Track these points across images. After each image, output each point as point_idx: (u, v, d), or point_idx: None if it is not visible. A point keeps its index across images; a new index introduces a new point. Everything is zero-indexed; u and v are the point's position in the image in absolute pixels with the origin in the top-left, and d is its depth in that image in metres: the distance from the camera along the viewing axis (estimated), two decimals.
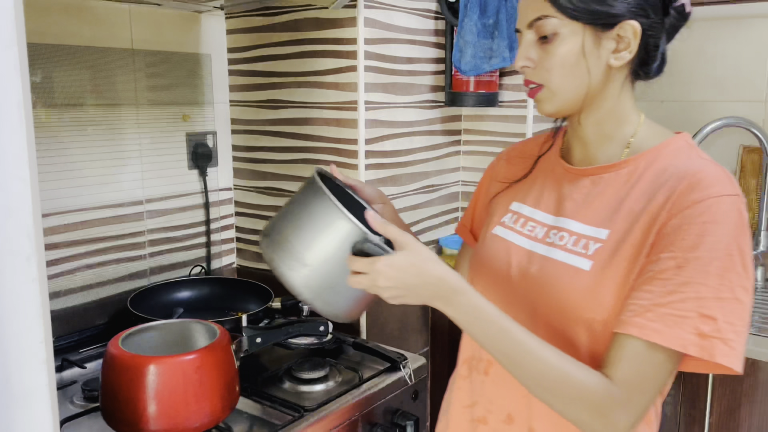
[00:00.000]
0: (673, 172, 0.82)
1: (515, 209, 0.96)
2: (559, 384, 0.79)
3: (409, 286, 0.79)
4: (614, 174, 0.87)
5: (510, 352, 0.79)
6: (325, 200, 0.85)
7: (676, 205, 0.80)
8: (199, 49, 1.61)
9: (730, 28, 1.93)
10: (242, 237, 1.74)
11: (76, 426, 1.11)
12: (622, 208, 0.84)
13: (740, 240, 0.78)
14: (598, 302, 0.83)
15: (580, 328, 0.85)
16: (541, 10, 0.83)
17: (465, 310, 0.80)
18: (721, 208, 0.78)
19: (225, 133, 1.69)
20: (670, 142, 0.87)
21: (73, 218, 1.41)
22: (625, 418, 0.78)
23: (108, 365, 1.01)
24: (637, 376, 0.78)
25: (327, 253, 0.84)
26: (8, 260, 0.60)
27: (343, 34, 1.42)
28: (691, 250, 0.77)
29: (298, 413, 1.14)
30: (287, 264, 0.85)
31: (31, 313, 0.62)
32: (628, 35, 0.83)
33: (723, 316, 0.77)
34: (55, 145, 1.36)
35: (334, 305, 0.87)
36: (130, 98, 1.48)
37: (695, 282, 0.76)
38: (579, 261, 0.85)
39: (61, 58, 1.35)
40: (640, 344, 0.78)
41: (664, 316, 0.77)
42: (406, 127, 1.55)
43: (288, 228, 0.87)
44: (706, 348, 0.76)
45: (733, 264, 0.77)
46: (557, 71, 0.84)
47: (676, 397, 1.48)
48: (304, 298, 0.85)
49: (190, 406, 1.00)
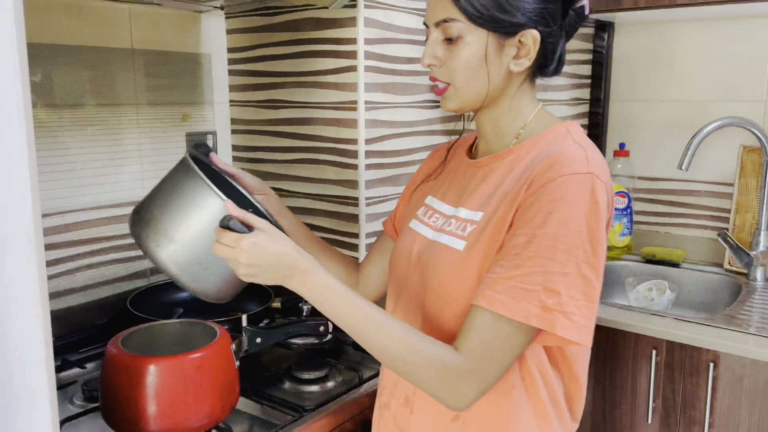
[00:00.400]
0: (543, 156, 0.87)
1: (428, 203, 1.02)
2: (405, 356, 0.83)
3: (267, 266, 0.82)
4: (500, 163, 0.93)
5: (359, 327, 0.84)
6: (195, 178, 0.89)
7: (533, 184, 0.84)
8: (199, 49, 1.61)
9: (730, 28, 1.93)
10: None
11: (76, 426, 1.11)
12: (497, 192, 0.89)
13: (590, 218, 0.81)
14: (466, 279, 0.88)
15: (456, 306, 0.89)
16: (448, 12, 0.88)
17: (315, 288, 0.84)
18: (571, 186, 0.82)
19: (225, 133, 1.69)
20: (551, 131, 0.92)
21: (73, 218, 1.41)
22: (471, 386, 0.82)
23: (108, 365, 1.01)
24: (483, 346, 0.82)
25: (194, 230, 0.88)
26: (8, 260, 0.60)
27: (343, 34, 1.42)
28: (540, 227, 0.81)
29: (298, 413, 1.14)
30: (155, 241, 0.88)
31: (31, 313, 0.62)
32: (529, 42, 0.89)
33: (567, 290, 0.80)
34: (55, 145, 1.36)
35: (202, 282, 0.90)
36: (129, 98, 1.48)
37: (542, 257, 0.80)
38: (456, 242, 0.91)
39: (61, 58, 1.35)
40: (487, 315, 0.82)
41: (511, 288, 0.81)
42: (406, 127, 1.54)
43: (157, 206, 0.91)
44: (548, 320, 0.80)
45: (581, 241, 0.81)
46: (461, 73, 0.89)
47: (676, 397, 1.48)
48: (171, 274, 0.88)
49: (190, 406, 1.00)
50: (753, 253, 1.79)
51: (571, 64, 2.06)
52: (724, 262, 1.92)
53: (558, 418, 0.92)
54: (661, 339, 1.47)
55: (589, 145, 0.89)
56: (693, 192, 2.05)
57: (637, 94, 2.12)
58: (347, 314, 0.84)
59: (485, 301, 0.82)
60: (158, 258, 0.88)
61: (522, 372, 0.89)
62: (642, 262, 2.01)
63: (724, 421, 1.41)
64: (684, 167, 1.74)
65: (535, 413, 0.90)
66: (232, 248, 0.82)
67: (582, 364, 0.94)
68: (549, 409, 0.91)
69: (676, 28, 2.02)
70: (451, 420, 0.92)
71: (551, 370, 0.91)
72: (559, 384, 0.92)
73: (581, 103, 2.16)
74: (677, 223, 2.09)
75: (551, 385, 0.91)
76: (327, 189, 1.52)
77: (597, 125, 2.17)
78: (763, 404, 1.36)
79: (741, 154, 1.92)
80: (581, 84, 2.14)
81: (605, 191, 0.84)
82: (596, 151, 0.89)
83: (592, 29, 2.12)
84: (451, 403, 0.83)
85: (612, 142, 2.17)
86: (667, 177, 2.09)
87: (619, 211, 2.03)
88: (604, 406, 1.58)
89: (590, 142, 0.91)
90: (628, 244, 2.07)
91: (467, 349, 0.82)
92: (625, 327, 1.51)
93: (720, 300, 1.86)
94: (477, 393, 0.83)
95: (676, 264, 1.97)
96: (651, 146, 2.11)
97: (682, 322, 1.50)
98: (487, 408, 0.90)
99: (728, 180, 1.97)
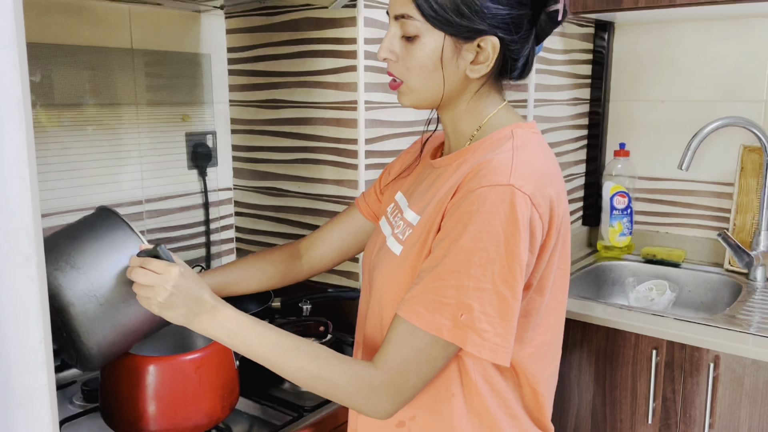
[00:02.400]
0: (478, 161, 0.84)
1: (397, 199, 1.01)
2: (320, 374, 0.82)
3: (185, 298, 0.82)
4: (450, 165, 0.91)
5: (271, 356, 0.83)
6: (113, 217, 0.89)
7: (458, 192, 0.82)
8: (198, 49, 1.61)
9: (730, 28, 1.93)
10: (242, 237, 1.74)
11: (76, 426, 1.11)
12: (435, 196, 0.87)
13: (507, 232, 0.78)
14: (400, 285, 0.87)
15: (392, 311, 0.88)
16: (406, 8, 0.85)
17: (224, 324, 0.84)
18: (489, 198, 0.78)
19: (225, 133, 1.69)
20: (498, 133, 0.89)
21: (73, 218, 1.40)
22: (388, 398, 0.81)
23: (108, 365, 1.01)
24: (399, 358, 0.81)
25: (103, 261, 0.86)
26: (8, 260, 0.60)
27: (342, 33, 1.42)
28: (456, 239, 0.79)
29: (297, 413, 1.14)
30: (54, 264, 0.84)
31: (30, 313, 0.62)
32: (488, 49, 0.85)
33: (480, 306, 0.78)
34: (55, 145, 1.36)
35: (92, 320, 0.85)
36: (129, 98, 1.48)
37: (456, 270, 0.78)
38: (396, 247, 0.90)
39: (61, 58, 1.34)
40: (405, 326, 0.81)
41: (428, 300, 0.79)
42: (406, 127, 1.54)
43: (64, 237, 0.89)
44: (459, 336, 0.79)
45: (497, 256, 0.78)
46: (416, 72, 0.87)
47: (676, 397, 1.48)
48: (60, 301, 0.83)
49: (190, 407, 1.00)
50: (753, 253, 1.79)
51: (571, 64, 2.06)
52: (725, 262, 1.92)
53: (515, 428, 0.90)
54: (662, 339, 1.47)
55: (526, 152, 0.84)
56: (693, 192, 2.05)
57: (637, 94, 2.12)
58: (258, 345, 0.83)
59: (403, 310, 0.81)
60: (52, 282, 0.82)
61: (463, 381, 0.87)
62: (642, 262, 2.01)
63: (724, 421, 1.41)
64: (684, 167, 1.74)
65: (482, 423, 0.88)
66: (159, 274, 0.82)
67: (539, 377, 0.91)
68: (500, 420, 0.88)
69: (676, 28, 2.02)
70: (396, 425, 0.91)
71: (502, 380, 0.88)
72: (514, 394, 0.90)
73: (581, 103, 2.16)
74: (677, 223, 2.09)
75: (502, 394, 0.88)
76: (327, 189, 1.52)
77: (597, 125, 2.17)
78: (763, 404, 1.36)
79: (741, 154, 1.92)
80: (581, 84, 2.14)
81: (527, 204, 0.79)
82: (535, 158, 0.85)
83: (592, 29, 2.12)
84: (371, 414, 0.83)
85: (612, 142, 2.17)
86: (667, 177, 2.09)
87: (619, 211, 2.03)
88: (604, 406, 1.58)
89: (534, 147, 0.86)
90: (628, 244, 2.07)
91: (383, 362, 0.81)
92: (626, 327, 1.51)
93: (720, 300, 1.86)
94: (395, 404, 0.82)
95: (677, 264, 1.97)
96: (651, 146, 2.11)
97: (683, 322, 1.50)
98: (430, 415, 0.89)
99: (728, 180, 1.97)
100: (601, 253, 2.10)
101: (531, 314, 0.86)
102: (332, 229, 1.13)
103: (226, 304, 0.85)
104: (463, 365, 0.86)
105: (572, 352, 1.60)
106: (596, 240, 2.17)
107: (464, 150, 0.90)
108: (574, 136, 2.15)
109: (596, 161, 2.19)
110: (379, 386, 0.81)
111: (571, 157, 2.14)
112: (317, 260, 1.13)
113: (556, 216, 0.84)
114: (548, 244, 0.84)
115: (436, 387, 0.87)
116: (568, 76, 2.07)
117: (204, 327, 0.84)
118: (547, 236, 0.83)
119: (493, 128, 0.90)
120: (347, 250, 1.13)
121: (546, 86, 1.95)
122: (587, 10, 1.85)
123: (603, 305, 1.64)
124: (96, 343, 0.86)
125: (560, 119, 2.05)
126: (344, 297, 1.46)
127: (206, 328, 0.84)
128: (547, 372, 0.93)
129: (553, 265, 0.87)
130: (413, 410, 0.89)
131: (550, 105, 1.98)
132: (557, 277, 0.89)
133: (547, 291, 0.87)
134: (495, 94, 0.92)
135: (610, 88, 2.17)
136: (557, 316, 0.92)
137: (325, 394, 0.83)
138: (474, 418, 0.88)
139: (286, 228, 1.63)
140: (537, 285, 0.86)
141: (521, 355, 0.87)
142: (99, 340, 0.86)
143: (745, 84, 1.92)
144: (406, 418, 0.90)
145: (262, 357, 0.84)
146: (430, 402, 0.88)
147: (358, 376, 0.81)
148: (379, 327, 0.91)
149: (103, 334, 0.86)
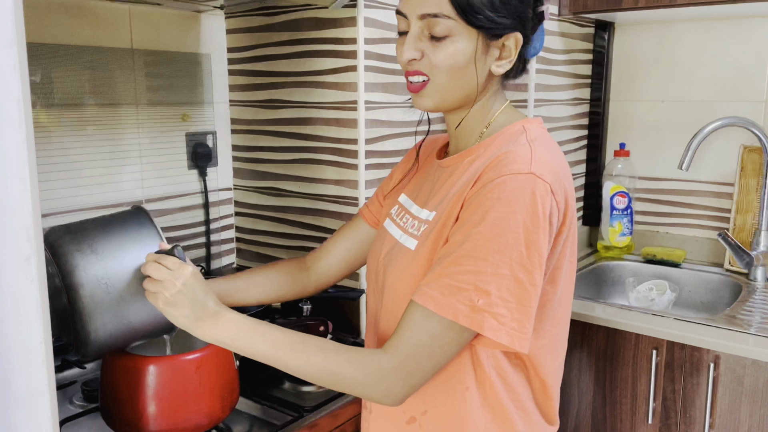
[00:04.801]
0: (494, 155, 0.85)
1: (402, 201, 1.01)
2: (327, 366, 0.82)
3: (191, 299, 0.84)
4: (461, 162, 0.91)
5: (276, 353, 0.83)
6: (143, 216, 0.94)
7: (478, 181, 0.83)
8: (198, 49, 1.61)
9: (730, 28, 1.93)
10: (242, 237, 1.74)
11: (76, 426, 1.11)
12: (451, 191, 0.88)
13: (527, 219, 0.79)
14: (414, 277, 0.87)
15: (406, 306, 0.87)
16: (439, 7, 0.84)
17: (227, 327, 0.84)
18: (511, 185, 0.79)
19: (225, 133, 1.69)
20: (509, 128, 0.90)
21: (73, 218, 1.40)
22: (398, 383, 0.81)
23: (108, 365, 1.01)
24: (411, 343, 0.81)
25: (122, 250, 0.90)
26: (8, 260, 0.60)
27: (342, 33, 1.42)
28: (476, 225, 0.79)
29: (297, 413, 1.14)
30: (77, 246, 0.89)
31: (30, 313, 0.62)
32: (511, 45, 0.87)
33: (498, 291, 0.78)
34: (55, 145, 1.36)
35: (96, 304, 0.88)
36: (129, 98, 1.48)
37: (475, 256, 0.79)
38: (410, 242, 0.91)
39: (61, 58, 1.34)
40: (419, 311, 0.81)
41: (444, 285, 0.79)
42: (406, 127, 1.54)
43: (92, 224, 0.93)
44: (476, 320, 0.78)
45: (516, 242, 0.78)
46: (446, 70, 0.86)
47: (677, 397, 1.48)
48: (72, 280, 0.87)
49: (190, 407, 1.00)
50: (753, 253, 1.79)
51: (572, 64, 2.06)
52: (725, 262, 1.92)
53: (525, 422, 0.91)
54: (662, 339, 1.47)
55: (541, 145, 0.86)
56: (693, 192, 2.05)
57: (637, 94, 2.12)
58: (262, 343, 0.83)
59: (418, 295, 0.81)
60: (70, 261, 0.87)
61: (477, 374, 0.87)
62: (642, 262, 2.01)
63: (725, 422, 1.41)
64: (684, 167, 1.74)
65: (494, 416, 0.88)
66: (171, 271, 0.84)
67: (549, 368, 0.91)
68: (512, 413, 0.89)
69: (676, 28, 2.02)
70: (407, 422, 0.91)
71: (514, 373, 0.89)
72: (525, 388, 0.90)
73: (581, 103, 2.16)
74: (677, 223, 2.09)
75: (514, 388, 0.89)
76: (327, 189, 1.52)
77: (597, 125, 2.17)
78: (763, 404, 1.36)
79: (741, 154, 1.92)
80: (581, 84, 2.14)
81: (548, 192, 0.80)
82: (550, 150, 0.86)
83: (592, 29, 2.12)
84: (382, 400, 0.83)
85: (612, 142, 2.17)
86: (667, 177, 2.09)
87: (619, 211, 2.03)
88: (604, 406, 1.58)
89: (547, 141, 0.88)
90: (628, 244, 2.07)
91: (394, 346, 0.81)
92: (626, 327, 1.51)
93: (720, 300, 1.86)
94: (405, 388, 0.81)
95: (677, 264, 1.97)
96: (651, 146, 2.11)
97: (683, 322, 1.50)
98: (443, 409, 0.89)
99: (728, 180, 1.97)
100: (602, 253, 2.10)
101: (545, 305, 0.87)
102: (337, 241, 1.13)
103: (228, 309, 0.86)
104: (478, 359, 0.86)
105: (572, 352, 1.60)
106: (596, 240, 2.17)
107: (476, 147, 0.91)
108: (574, 136, 2.15)
109: (596, 161, 2.19)
110: (389, 370, 0.80)
111: (571, 157, 2.14)
112: (324, 272, 1.13)
113: (570, 207, 0.86)
114: (562, 234, 0.85)
115: (450, 381, 0.87)
116: (568, 76, 2.07)
117: (207, 332, 0.84)
118: (561, 226, 0.85)
119: (501, 125, 0.91)
120: (353, 260, 1.13)
121: (546, 86, 1.95)
122: (587, 10, 1.85)
123: (603, 305, 1.64)
124: (94, 329, 0.89)
125: (560, 119, 2.05)
126: (344, 297, 1.46)
127: (210, 333, 0.84)
128: (556, 363, 0.94)
129: (565, 256, 0.88)
130: (425, 405, 0.90)
131: (550, 105, 1.98)
132: (567, 269, 0.90)
133: (560, 282, 0.88)
134: (502, 93, 0.95)
135: (610, 88, 2.17)
136: (566, 308, 0.93)
137: (333, 385, 0.83)
138: (487, 410, 0.88)
139: (286, 228, 1.63)
140: (550, 275, 0.86)
141: (535, 345, 0.88)
142: (98, 326, 0.89)
143: (745, 84, 1.92)
144: (417, 413, 0.90)
145: (267, 355, 0.83)
146: (443, 396, 0.88)
147: (366, 362, 0.81)
148: (394, 323, 0.91)
149: (103, 322, 0.89)
